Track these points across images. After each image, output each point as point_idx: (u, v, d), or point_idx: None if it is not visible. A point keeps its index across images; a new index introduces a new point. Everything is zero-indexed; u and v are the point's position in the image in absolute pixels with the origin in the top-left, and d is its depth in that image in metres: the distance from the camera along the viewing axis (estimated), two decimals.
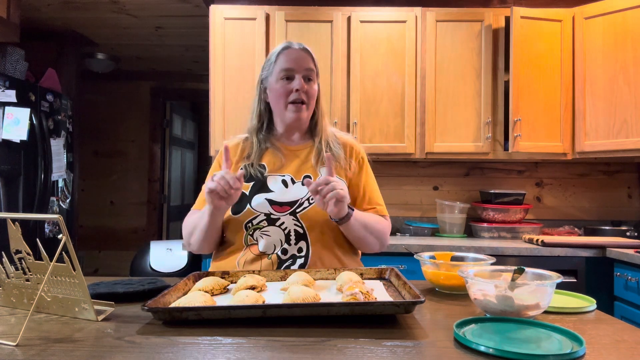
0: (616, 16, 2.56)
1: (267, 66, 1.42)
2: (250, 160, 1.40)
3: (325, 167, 1.29)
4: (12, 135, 2.90)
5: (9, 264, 0.97)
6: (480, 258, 1.24)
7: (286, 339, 0.79)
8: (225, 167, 1.25)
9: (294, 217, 1.33)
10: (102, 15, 3.65)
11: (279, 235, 1.32)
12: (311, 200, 1.33)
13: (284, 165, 1.40)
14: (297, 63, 1.36)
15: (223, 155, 1.26)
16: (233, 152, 1.42)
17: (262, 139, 1.43)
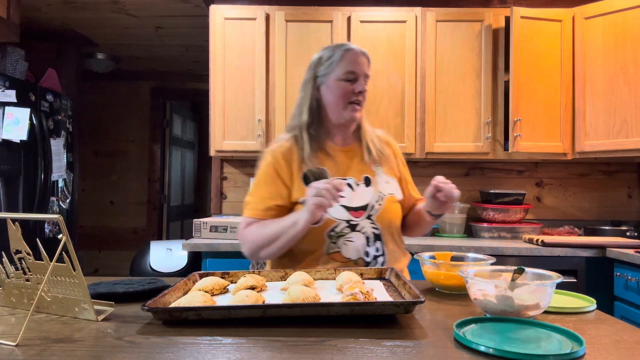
0: (616, 16, 2.56)
1: (327, 65, 1.43)
2: (308, 166, 1.39)
3: (378, 165, 1.46)
4: (12, 135, 2.90)
5: (9, 264, 0.97)
6: (480, 258, 1.24)
7: (286, 339, 0.79)
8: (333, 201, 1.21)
9: (370, 221, 1.38)
10: (102, 15, 3.65)
11: (361, 240, 1.36)
12: (380, 202, 1.40)
13: (341, 168, 1.43)
14: (361, 67, 1.41)
15: (337, 191, 1.20)
16: (288, 156, 1.42)
17: (313, 135, 1.43)
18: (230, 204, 3.16)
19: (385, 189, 1.44)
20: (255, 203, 1.41)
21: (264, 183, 1.42)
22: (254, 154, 2.79)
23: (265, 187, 1.41)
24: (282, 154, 1.42)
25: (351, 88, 1.40)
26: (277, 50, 2.76)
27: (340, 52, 1.42)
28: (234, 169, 3.17)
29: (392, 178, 1.49)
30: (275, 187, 1.40)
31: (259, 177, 1.44)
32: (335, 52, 1.43)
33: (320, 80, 1.44)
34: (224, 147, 2.76)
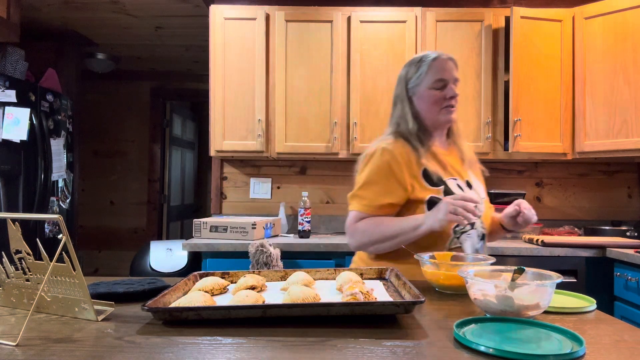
0: (616, 16, 2.56)
1: (416, 77, 1.50)
2: (424, 165, 1.44)
3: (469, 169, 1.54)
4: (12, 135, 2.90)
5: (9, 264, 0.97)
6: (480, 258, 1.24)
7: (286, 339, 0.79)
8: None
9: (480, 222, 1.46)
10: (102, 15, 3.65)
11: (475, 238, 1.44)
12: (482, 204, 1.45)
13: (447, 170, 1.48)
14: (449, 73, 1.48)
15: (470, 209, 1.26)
16: (403, 156, 1.45)
17: (422, 140, 1.49)
18: (230, 204, 3.16)
19: (481, 192, 1.52)
20: (368, 199, 1.44)
21: (378, 181, 1.44)
22: (254, 154, 2.80)
23: (380, 185, 1.43)
24: (399, 152, 1.45)
25: (442, 94, 1.47)
26: (277, 50, 2.77)
27: (427, 64, 1.49)
28: (234, 169, 3.17)
29: (479, 183, 1.56)
30: (389, 184, 1.42)
31: (373, 173, 1.45)
32: (422, 63, 1.50)
33: (411, 93, 1.52)
34: (224, 147, 2.76)
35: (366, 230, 1.42)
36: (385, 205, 1.42)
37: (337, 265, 2.49)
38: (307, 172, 3.15)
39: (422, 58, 1.52)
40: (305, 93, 2.77)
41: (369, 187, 1.45)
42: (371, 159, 1.48)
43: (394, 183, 1.42)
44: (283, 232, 2.95)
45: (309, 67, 2.77)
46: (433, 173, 1.43)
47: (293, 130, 2.77)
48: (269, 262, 2.28)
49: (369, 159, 1.48)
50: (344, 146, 2.77)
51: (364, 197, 1.45)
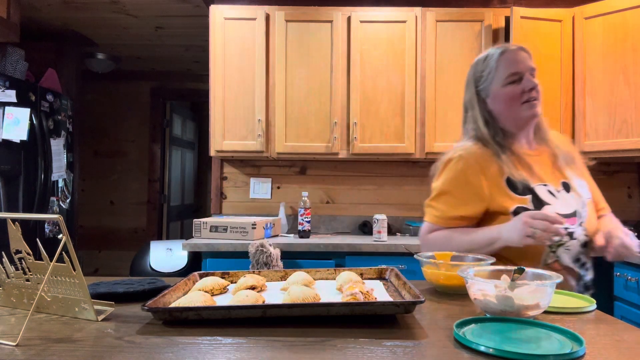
0: (616, 16, 2.56)
1: (485, 75, 1.38)
2: (507, 173, 1.31)
3: (568, 168, 1.39)
4: (12, 135, 2.90)
5: (9, 264, 0.97)
6: (480, 258, 1.24)
7: (286, 339, 0.79)
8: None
9: (582, 228, 1.33)
10: (102, 15, 3.65)
11: (577, 248, 1.33)
12: (585, 208, 1.35)
13: (536, 174, 1.33)
14: (522, 64, 1.35)
15: (554, 229, 1.13)
16: (482, 163, 1.33)
17: (502, 143, 1.36)
18: (230, 204, 3.16)
19: (584, 193, 1.37)
20: (441, 210, 1.35)
21: (452, 190, 1.35)
22: (254, 154, 2.80)
23: (454, 195, 1.34)
24: (476, 159, 1.33)
25: (519, 88, 1.33)
26: (277, 50, 2.77)
27: (495, 59, 1.37)
28: (234, 169, 3.17)
29: (582, 181, 1.42)
30: (464, 195, 1.33)
31: (447, 182, 1.36)
32: (490, 60, 1.38)
33: (484, 94, 1.40)
34: (224, 147, 2.76)
35: (437, 244, 1.34)
36: (457, 218, 1.33)
37: (337, 265, 2.49)
38: (307, 172, 3.15)
39: (488, 55, 1.39)
40: (305, 93, 2.77)
41: (442, 197, 1.36)
42: (447, 167, 1.37)
43: (470, 193, 1.32)
44: (283, 232, 2.95)
45: (309, 67, 2.77)
46: (518, 181, 1.29)
47: (293, 130, 2.77)
48: (269, 262, 2.28)
49: (445, 167, 1.37)
50: (344, 146, 2.77)
51: (436, 208, 1.36)
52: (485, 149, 1.35)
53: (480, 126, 1.38)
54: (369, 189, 3.14)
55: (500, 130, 1.38)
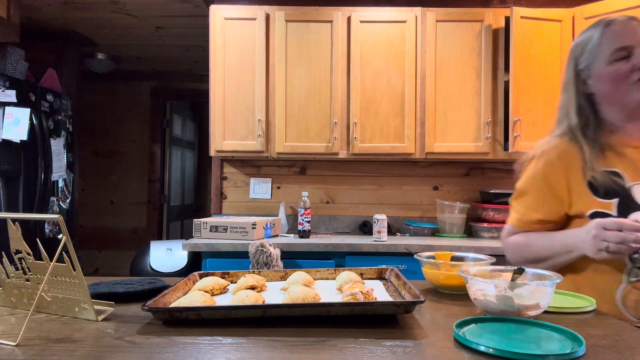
0: None
1: (587, 52, 1.20)
2: (595, 170, 1.14)
3: None
4: (12, 135, 2.90)
5: (9, 264, 0.97)
6: (480, 258, 1.24)
7: (286, 339, 0.79)
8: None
9: None
10: (102, 15, 3.65)
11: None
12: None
13: (639, 169, 1.14)
14: (633, 37, 1.14)
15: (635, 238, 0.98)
16: (566, 160, 1.19)
17: (593, 138, 1.18)
18: (230, 204, 3.16)
19: None
20: (520, 213, 1.27)
21: (530, 191, 1.25)
22: (254, 154, 2.80)
23: (532, 197, 1.25)
24: (559, 156, 1.20)
25: (628, 66, 1.13)
26: (277, 50, 2.77)
27: (598, 33, 1.18)
28: (234, 169, 3.17)
29: None
30: (542, 199, 1.22)
31: (527, 182, 1.26)
32: (593, 34, 1.19)
33: (585, 74, 1.21)
34: (224, 147, 2.76)
35: (515, 250, 1.28)
36: (536, 221, 1.23)
37: (337, 265, 2.49)
38: (307, 172, 3.15)
39: (593, 26, 1.20)
40: (305, 93, 2.77)
41: (521, 198, 1.27)
42: (529, 164, 1.27)
43: (548, 194, 1.20)
44: (283, 232, 2.95)
45: (309, 67, 2.77)
46: (602, 181, 1.13)
47: (293, 130, 2.77)
48: (269, 262, 2.28)
49: (528, 164, 1.27)
50: (344, 146, 2.77)
51: (516, 210, 1.29)
52: (572, 143, 1.20)
53: (571, 115, 1.22)
54: (369, 189, 3.14)
55: (601, 121, 1.20)
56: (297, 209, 3.09)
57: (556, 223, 1.22)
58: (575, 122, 1.21)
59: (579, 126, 1.21)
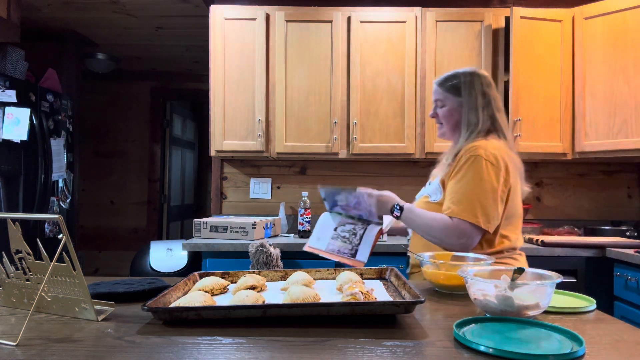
0: (616, 16, 2.56)
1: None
2: None
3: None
4: (12, 135, 2.90)
5: (9, 264, 0.97)
6: (480, 258, 1.24)
7: (286, 339, 0.79)
8: None
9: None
10: (102, 15, 3.65)
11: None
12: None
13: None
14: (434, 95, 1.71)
15: None
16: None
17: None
18: (230, 204, 3.16)
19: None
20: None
21: (498, 183, 1.51)
22: (254, 154, 2.80)
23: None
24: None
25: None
26: (277, 50, 2.77)
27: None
28: (234, 169, 3.17)
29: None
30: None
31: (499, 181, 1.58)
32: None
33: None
34: (224, 147, 2.76)
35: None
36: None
37: (337, 265, 2.49)
38: (307, 172, 3.15)
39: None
40: (305, 93, 2.77)
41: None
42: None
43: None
44: (283, 232, 2.95)
45: (309, 67, 2.77)
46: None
47: (293, 130, 2.77)
48: (269, 262, 2.28)
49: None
50: (344, 146, 2.77)
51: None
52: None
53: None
54: None
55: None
56: (297, 209, 3.09)
57: None
58: None
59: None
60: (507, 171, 1.44)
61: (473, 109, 1.57)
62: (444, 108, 1.64)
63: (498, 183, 1.41)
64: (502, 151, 1.47)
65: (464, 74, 1.61)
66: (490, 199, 1.40)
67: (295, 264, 2.48)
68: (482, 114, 1.56)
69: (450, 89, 1.64)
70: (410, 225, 1.52)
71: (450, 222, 1.39)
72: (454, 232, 1.38)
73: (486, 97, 1.58)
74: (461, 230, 1.38)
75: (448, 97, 1.63)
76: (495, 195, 1.40)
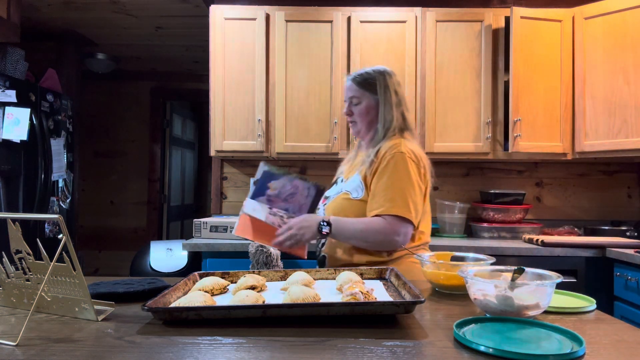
0: (616, 16, 2.56)
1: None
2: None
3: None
4: (12, 135, 2.90)
5: (9, 264, 0.97)
6: (480, 258, 1.24)
7: (286, 339, 0.79)
8: None
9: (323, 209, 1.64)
10: (102, 15, 3.65)
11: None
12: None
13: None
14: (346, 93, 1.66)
15: None
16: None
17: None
18: (230, 204, 3.16)
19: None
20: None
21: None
22: (254, 154, 2.80)
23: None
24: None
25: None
26: (277, 50, 2.77)
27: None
28: (234, 169, 3.17)
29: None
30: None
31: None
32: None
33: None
34: (224, 147, 2.76)
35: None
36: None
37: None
38: (307, 172, 3.15)
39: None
40: (305, 93, 2.77)
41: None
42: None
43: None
44: None
45: (309, 67, 2.77)
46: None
47: (293, 130, 2.77)
48: (269, 262, 2.28)
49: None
50: (344, 146, 2.77)
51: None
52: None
53: None
54: None
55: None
56: None
57: None
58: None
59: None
60: (425, 169, 1.53)
61: (389, 106, 1.58)
62: (360, 105, 1.61)
63: (420, 179, 1.50)
64: (419, 149, 1.56)
65: (377, 71, 1.61)
66: (417, 194, 1.47)
67: (295, 264, 2.47)
68: (396, 112, 1.58)
69: (366, 87, 1.60)
70: (341, 238, 1.49)
71: (385, 222, 1.43)
72: (390, 230, 1.42)
73: (398, 95, 1.60)
74: (397, 227, 1.43)
75: (365, 95, 1.60)
76: (419, 191, 1.49)
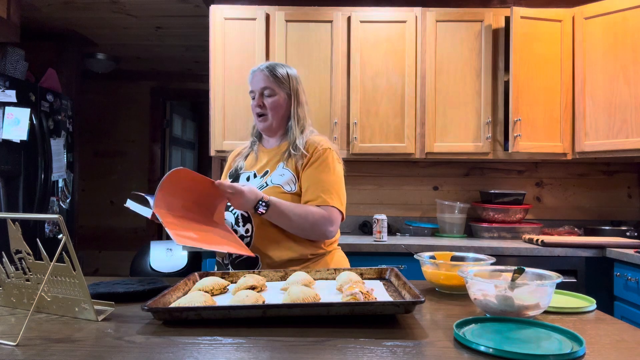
0: (616, 16, 2.56)
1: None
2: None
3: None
4: (12, 135, 2.90)
5: (9, 264, 0.97)
6: (480, 258, 1.24)
7: (286, 339, 0.79)
8: None
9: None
10: (102, 15, 3.65)
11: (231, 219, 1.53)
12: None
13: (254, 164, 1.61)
14: (257, 84, 1.59)
15: None
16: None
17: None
18: None
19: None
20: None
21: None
22: None
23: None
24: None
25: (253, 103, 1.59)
26: (277, 50, 2.76)
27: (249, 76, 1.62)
28: None
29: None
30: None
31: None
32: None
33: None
34: (224, 147, 2.76)
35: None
36: None
37: None
38: None
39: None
40: (305, 93, 2.76)
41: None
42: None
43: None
44: None
45: (309, 67, 2.77)
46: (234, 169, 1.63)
47: None
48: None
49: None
50: (344, 146, 2.77)
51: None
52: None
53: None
54: (368, 189, 3.14)
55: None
56: None
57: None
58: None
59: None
60: (342, 167, 1.59)
61: (301, 104, 1.60)
62: (274, 98, 1.56)
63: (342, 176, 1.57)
64: (337, 149, 1.61)
65: (288, 67, 1.61)
66: (344, 190, 1.55)
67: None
68: (305, 109, 1.62)
69: (281, 80, 1.57)
70: (278, 221, 1.42)
71: (323, 211, 1.45)
72: (328, 220, 1.45)
73: (304, 94, 1.64)
74: (334, 218, 1.47)
75: (281, 88, 1.57)
76: (343, 186, 1.55)
